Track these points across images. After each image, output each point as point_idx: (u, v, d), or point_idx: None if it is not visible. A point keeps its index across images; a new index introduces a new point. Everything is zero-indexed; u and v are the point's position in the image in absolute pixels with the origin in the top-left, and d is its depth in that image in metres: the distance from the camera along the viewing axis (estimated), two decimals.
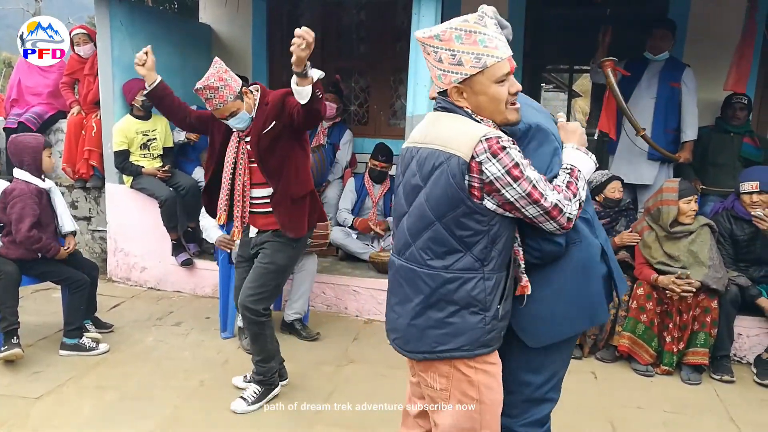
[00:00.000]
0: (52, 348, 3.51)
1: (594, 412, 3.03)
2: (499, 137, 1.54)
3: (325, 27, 5.89)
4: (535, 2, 5.20)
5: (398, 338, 1.76)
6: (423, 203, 1.63)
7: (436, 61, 1.61)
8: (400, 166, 1.77)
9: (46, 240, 3.37)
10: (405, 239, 1.70)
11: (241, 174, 2.83)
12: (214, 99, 2.66)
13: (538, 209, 1.57)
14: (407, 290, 1.69)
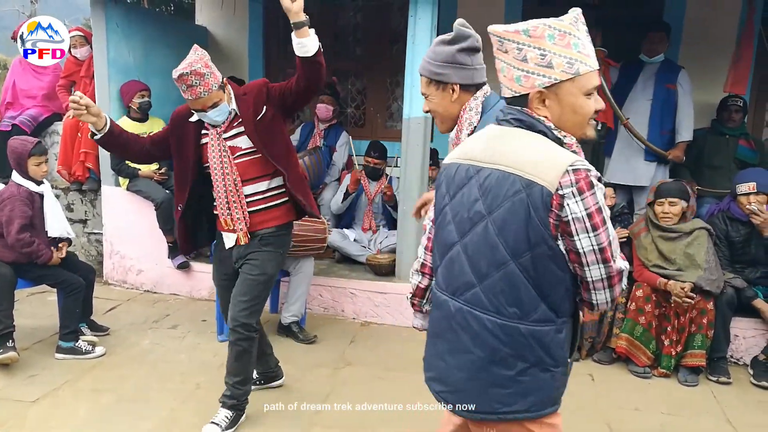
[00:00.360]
0: (47, 351, 3.49)
1: (591, 414, 3.03)
2: (589, 170, 1.32)
3: (321, 29, 5.87)
4: (531, 4, 5.22)
5: (448, 392, 1.50)
6: (493, 237, 1.37)
7: (519, 60, 1.38)
8: (444, 185, 1.52)
9: (38, 245, 3.34)
10: (466, 278, 1.43)
11: (230, 172, 2.62)
12: (198, 86, 2.46)
13: (603, 272, 1.35)
14: (464, 338, 1.44)
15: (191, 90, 2.47)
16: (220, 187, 2.64)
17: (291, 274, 3.85)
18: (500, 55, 1.43)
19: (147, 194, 4.49)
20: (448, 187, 1.50)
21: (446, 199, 1.50)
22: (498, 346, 1.39)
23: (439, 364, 1.51)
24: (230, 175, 2.62)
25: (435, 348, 1.54)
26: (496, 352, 1.40)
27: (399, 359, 3.54)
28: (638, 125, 4.27)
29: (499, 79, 1.46)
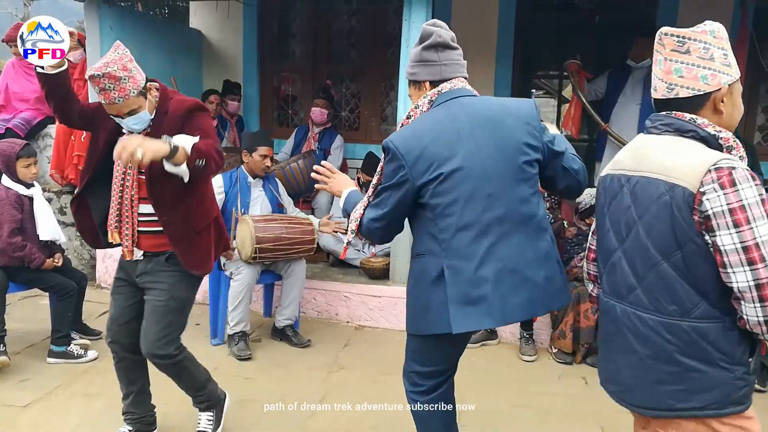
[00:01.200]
0: (39, 355, 3.47)
1: (585, 417, 3.04)
2: (734, 168, 1.32)
3: (316, 32, 5.90)
4: (524, 8, 5.24)
5: (621, 391, 1.57)
6: (644, 239, 1.44)
7: (705, 59, 1.42)
8: (602, 196, 1.60)
9: (30, 249, 3.32)
10: (628, 281, 1.50)
11: (129, 186, 2.32)
12: (112, 91, 2.16)
13: (749, 277, 1.29)
14: (631, 338, 1.49)
15: (104, 94, 2.18)
16: (116, 198, 2.35)
17: (283, 277, 3.84)
18: (676, 55, 1.46)
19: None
20: (605, 198, 1.59)
21: (604, 209, 1.59)
22: (662, 343, 1.43)
23: (611, 365, 1.60)
24: (129, 189, 2.33)
25: (606, 351, 1.63)
26: (661, 349, 1.44)
27: (393, 363, 3.53)
28: (628, 129, 4.32)
29: (667, 79, 1.48)
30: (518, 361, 3.72)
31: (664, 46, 1.50)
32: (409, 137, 1.86)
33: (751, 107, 4.89)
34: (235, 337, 3.61)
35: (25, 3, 15.97)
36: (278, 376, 3.30)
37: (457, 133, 1.85)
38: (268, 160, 3.84)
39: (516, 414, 3.04)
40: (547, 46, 5.89)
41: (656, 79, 1.53)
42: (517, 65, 5.36)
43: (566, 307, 3.68)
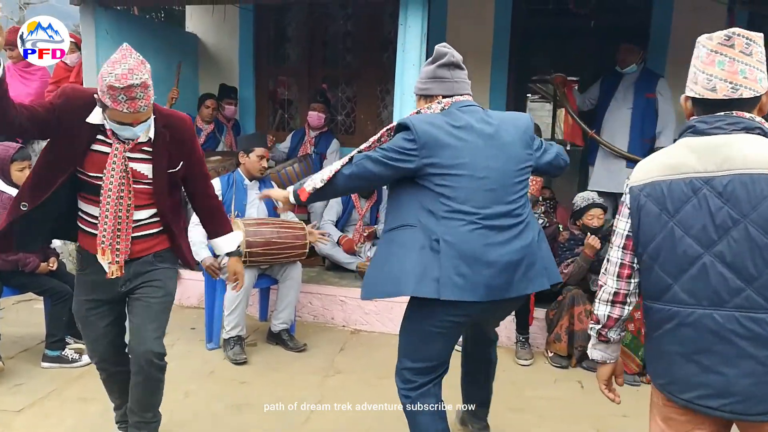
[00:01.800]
0: (34, 360, 3.45)
1: (580, 421, 3.04)
2: None
3: (312, 36, 5.91)
4: (520, 13, 5.27)
5: (735, 403, 1.45)
6: (761, 237, 1.40)
7: (761, 63, 1.51)
8: (654, 204, 1.53)
9: (23, 253, 3.30)
10: (729, 285, 1.43)
11: (125, 197, 2.19)
12: (141, 100, 2.04)
13: None
14: (743, 344, 1.42)
15: (131, 103, 2.03)
16: (111, 211, 2.17)
17: (279, 281, 3.84)
18: (742, 57, 1.50)
19: None
20: (662, 205, 1.52)
21: (665, 217, 1.51)
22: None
23: (714, 379, 1.47)
24: (125, 199, 2.20)
25: (699, 365, 1.49)
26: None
27: (389, 366, 3.51)
28: (619, 134, 4.39)
29: (732, 79, 1.51)
30: (514, 365, 3.72)
31: (733, 47, 1.51)
32: (425, 122, 2.11)
33: None
34: (230, 341, 3.60)
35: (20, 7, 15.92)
36: (274, 379, 3.29)
37: (466, 132, 2.11)
38: (264, 161, 3.85)
39: (512, 418, 3.04)
40: (543, 51, 5.92)
41: (717, 79, 1.52)
42: (512, 69, 5.39)
43: (561, 311, 3.70)
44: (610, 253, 1.69)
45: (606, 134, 4.49)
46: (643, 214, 1.56)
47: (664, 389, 1.57)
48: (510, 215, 2.10)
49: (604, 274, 1.71)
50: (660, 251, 1.53)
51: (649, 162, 1.60)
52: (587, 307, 3.66)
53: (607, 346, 1.77)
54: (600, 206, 3.77)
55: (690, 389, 1.51)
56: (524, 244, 2.11)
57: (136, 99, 2.03)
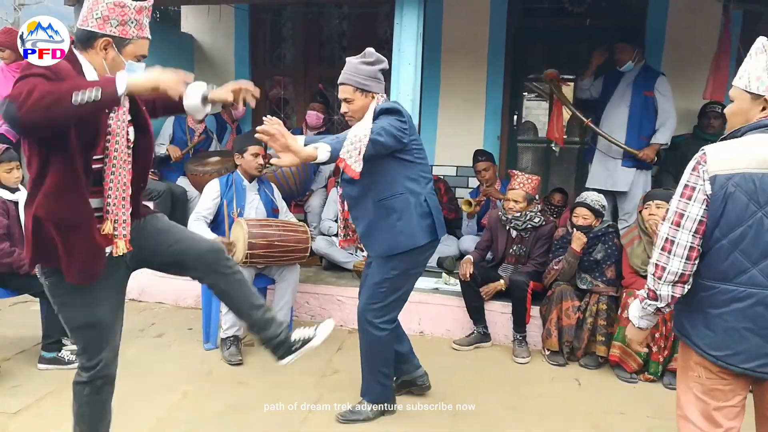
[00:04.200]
0: (30, 362, 3.44)
1: (578, 418, 3.05)
2: None
3: (307, 36, 5.90)
4: (516, 13, 5.27)
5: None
6: None
7: None
8: (744, 194, 1.68)
9: (18, 255, 3.27)
10: None
11: (128, 160, 1.99)
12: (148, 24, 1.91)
13: None
14: None
15: (143, 28, 1.91)
16: (122, 178, 1.96)
17: (276, 281, 3.83)
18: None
19: (148, 191, 4.52)
20: (752, 196, 1.67)
21: (753, 207, 1.67)
22: None
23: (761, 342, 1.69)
24: (128, 164, 1.99)
25: (760, 334, 1.69)
26: None
27: None
28: (617, 131, 4.39)
29: None
30: (511, 363, 3.73)
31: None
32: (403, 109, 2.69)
33: None
34: (227, 341, 3.60)
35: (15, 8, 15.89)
36: (272, 379, 3.28)
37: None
38: (260, 158, 3.83)
39: (509, 416, 3.04)
40: (539, 50, 5.93)
41: None
42: (508, 68, 5.39)
43: (550, 306, 3.72)
44: (677, 237, 1.75)
45: (604, 130, 4.49)
46: (729, 202, 1.69)
47: (723, 360, 1.73)
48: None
49: (667, 256, 1.77)
50: (744, 238, 1.69)
51: (731, 152, 1.72)
52: (574, 303, 3.67)
53: (655, 317, 1.91)
54: (588, 207, 3.75)
55: (753, 359, 1.70)
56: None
57: (146, 24, 1.91)
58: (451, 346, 3.91)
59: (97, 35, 1.85)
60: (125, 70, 1.87)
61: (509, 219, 3.93)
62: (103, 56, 1.87)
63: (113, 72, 1.87)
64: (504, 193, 4.18)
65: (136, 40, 1.89)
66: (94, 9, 1.83)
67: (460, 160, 5.46)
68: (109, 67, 1.88)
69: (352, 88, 2.67)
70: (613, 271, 3.73)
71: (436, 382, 3.23)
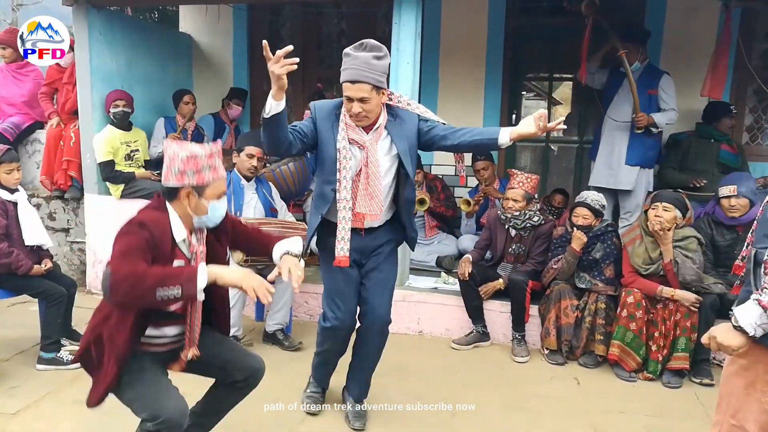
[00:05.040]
0: (29, 362, 3.44)
1: (577, 417, 3.05)
2: None
3: (306, 36, 5.90)
4: (514, 11, 5.27)
5: None
6: None
7: None
8: None
9: (17, 255, 3.28)
10: None
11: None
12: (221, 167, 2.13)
13: None
14: None
15: (221, 167, 2.16)
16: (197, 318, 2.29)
17: (275, 281, 3.81)
18: None
19: (153, 190, 4.52)
20: None
21: None
22: None
23: None
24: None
25: None
26: None
27: (385, 366, 3.52)
28: (621, 128, 4.36)
29: None
30: (511, 362, 3.73)
31: None
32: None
33: (738, 108, 4.93)
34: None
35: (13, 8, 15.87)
36: (271, 380, 3.26)
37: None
38: (254, 160, 3.83)
39: (509, 415, 3.04)
40: (537, 49, 5.93)
41: None
42: (507, 67, 5.39)
43: (549, 305, 3.72)
44: None
45: (607, 129, 4.48)
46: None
47: None
48: None
49: None
50: None
51: None
52: (573, 301, 3.67)
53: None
54: (588, 207, 3.75)
55: None
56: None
57: (218, 165, 2.10)
58: (450, 345, 3.91)
59: (179, 188, 2.03)
60: (210, 210, 2.08)
61: (508, 218, 3.92)
62: (187, 203, 2.06)
63: (197, 213, 2.08)
64: (503, 192, 4.18)
65: (213, 183, 2.06)
66: (172, 166, 2.02)
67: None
68: (193, 211, 2.08)
69: (369, 87, 2.44)
70: (611, 270, 3.73)
71: (435, 381, 3.23)
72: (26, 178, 5.16)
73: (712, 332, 1.81)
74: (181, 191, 2.04)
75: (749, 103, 5.12)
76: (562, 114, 17.10)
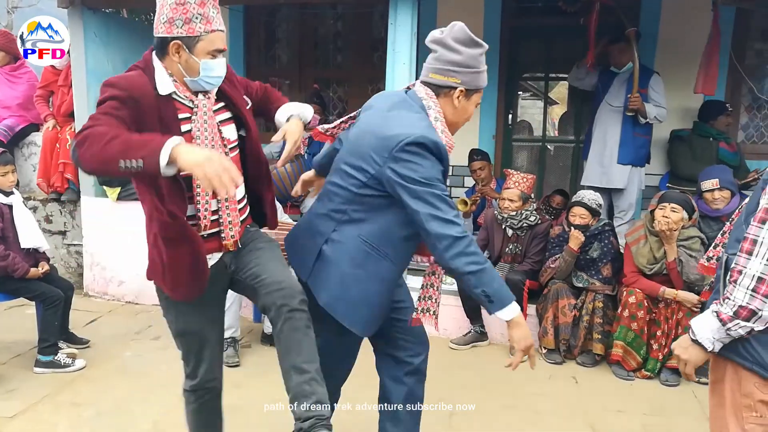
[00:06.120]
0: (26, 365, 3.43)
1: (575, 416, 3.06)
2: None
3: (302, 37, 5.90)
4: (510, 12, 5.28)
5: None
6: None
7: None
8: None
9: (13, 259, 3.27)
10: None
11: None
12: (218, 16, 1.82)
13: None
14: None
15: (217, 19, 1.81)
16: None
17: None
18: None
19: None
20: None
21: None
22: None
23: None
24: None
25: None
26: None
27: None
28: (611, 128, 4.41)
29: None
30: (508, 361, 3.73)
31: None
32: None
33: (734, 107, 4.95)
34: (224, 343, 3.59)
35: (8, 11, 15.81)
36: (270, 380, 3.28)
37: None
38: None
39: (507, 414, 3.05)
40: (533, 48, 5.94)
41: None
42: (503, 67, 5.40)
43: (546, 304, 3.73)
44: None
45: (599, 128, 4.52)
46: None
47: None
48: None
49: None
50: None
51: None
52: (570, 300, 3.68)
53: (729, 339, 1.60)
54: (585, 206, 3.76)
55: None
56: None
57: (214, 15, 1.79)
58: (448, 345, 3.91)
59: (167, 40, 1.77)
60: (201, 70, 1.79)
61: (505, 218, 3.93)
62: (177, 60, 1.79)
63: (190, 74, 1.80)
64: (499, 192, 4.19)
65: (205, 36, 1.77)
66: (160, 14, 1.77)
67: (455, 160, 5.41)
68: (184, 70, 1.80)
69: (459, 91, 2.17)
70: (609, 269, 3.74)
71: (434, 381, 3.22)
72: (23, 181, 5.14)
73: (673, 346, 1.74)
74: (169, 45, 1.76)
75: (744, 102, 5.14)
76: (557, 114, 17.11)
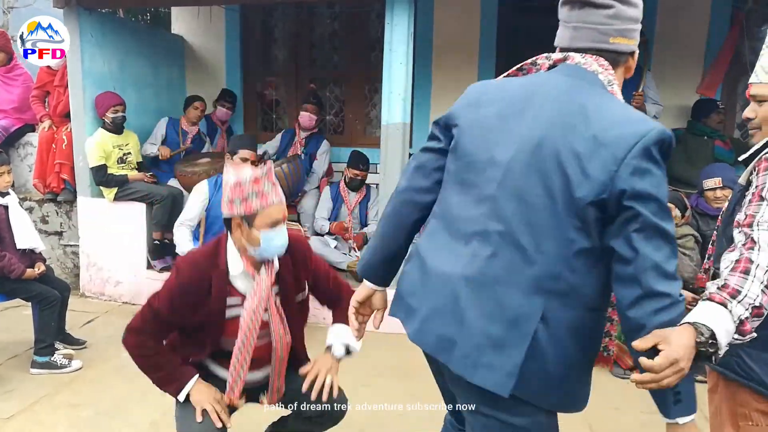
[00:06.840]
0: (23, 366, 3.43)
1: (573, 417, 3.04)
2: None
3: (298, 37, 5.89)
4: (506, 12, 5.28)
5: None
6: None
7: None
8: None
9: (9, 260, 3.26)
10: None
11: (283, 335, 2.15)
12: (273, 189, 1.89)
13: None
14: None
15: (247, 204, 1.84)
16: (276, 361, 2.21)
17: None
18: None
19: (146, 193, 4.54)
20: None
21: None
22: None
23: None
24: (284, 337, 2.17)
25: None
26: None
27: (382, 366, 3.53)
28: None
29: None
30: None
31: None
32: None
33: (729, 105, 4.97)
34: None
35: (4, 11, 15.76)
36: None
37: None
38: (248, 164, 3.82)
39: None
40: (530, 47, 5.96)
41: None
42: (500, 66, 5.40)
43: None
44: None
45: None
46: None
47: None
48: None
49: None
50: None
51: None
52: None
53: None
54: None
55: None
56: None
57: (268, 190, 1.87)
58: None
59: (231, 219, 1.89)
60: (262, 241, 1.87)
61: None
62: (240, 235, 1.88)
63: (251, 244, 1.88)
64: None
65: (261, 211, 1.85)
66: (224, 195, 1.89)
67: None
68: (247, 243, 1.89)
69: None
70: None
71: (434, 381, 3.22)
72: (19, 182, 5.13)
73: (672, 357, 1.65)
74: (233, 222, 1.89)
75: (740, 100, 5.15)
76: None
